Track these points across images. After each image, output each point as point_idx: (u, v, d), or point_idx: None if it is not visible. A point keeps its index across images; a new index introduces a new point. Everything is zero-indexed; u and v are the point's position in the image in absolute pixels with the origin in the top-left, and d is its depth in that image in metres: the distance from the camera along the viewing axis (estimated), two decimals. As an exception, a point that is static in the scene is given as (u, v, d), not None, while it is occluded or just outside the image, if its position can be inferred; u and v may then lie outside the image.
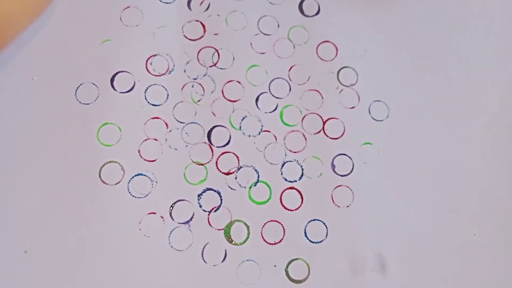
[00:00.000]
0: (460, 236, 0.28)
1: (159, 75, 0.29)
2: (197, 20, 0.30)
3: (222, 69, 0.29)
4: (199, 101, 0.28)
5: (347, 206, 0.28)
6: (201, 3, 0.29)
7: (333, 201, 0.28)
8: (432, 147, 0.29)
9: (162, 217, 0.27)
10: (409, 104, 0.29)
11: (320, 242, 0.27)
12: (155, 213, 0.27)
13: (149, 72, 0.29)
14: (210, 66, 0.29)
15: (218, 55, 0.29)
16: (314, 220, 0.27)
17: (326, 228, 0.27)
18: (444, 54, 0.30)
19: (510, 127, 0.30)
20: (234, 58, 0.29)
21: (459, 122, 0.29)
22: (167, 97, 0.28)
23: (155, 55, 0.29)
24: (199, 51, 0.29)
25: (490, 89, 0.30)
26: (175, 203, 0.27)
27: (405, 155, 0.29)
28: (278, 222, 0.27)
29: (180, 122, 0.28)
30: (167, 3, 0.30)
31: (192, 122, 0.28)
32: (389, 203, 0.28)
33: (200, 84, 0.29)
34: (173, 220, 0.27)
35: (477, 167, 0.29)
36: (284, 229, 0.27)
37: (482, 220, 0.28)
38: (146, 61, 0.29)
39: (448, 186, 0.28)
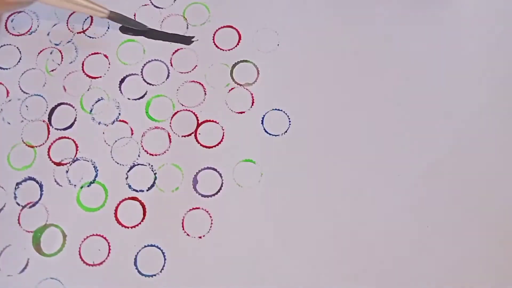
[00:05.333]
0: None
1: (18, 35, 0.24)
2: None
3: (91, 37, 0.24)
4: (52, 71, 0.23)
5: (200, 237, 0.21)
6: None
7: (183, 227, 0.21)
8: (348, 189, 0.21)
9: (-33, 202, 0.21)
10: (323, 120, 0.22)
11: (152, 276, 0.20)
12: (-40, 197, 0.21)
13: (7, 30, 0.24)
14: (78, 32, 0.24)
15: (91, 21, 0.24)
16: (151, 245, 0.21)
17: (164, 259, 0.20)
18: (385, 58, 0.23)
19: (465, 165, 0.21)
20: (108, 28, 0.24)
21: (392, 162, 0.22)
22: (19, 61, 0.23)
23: (20, 12, 0.24)
24: (71, 14, 0.24)
25: (442, 122, 0.22)
26: (-13, 187, 0.22)
27: (300, 184, 0.21)
28: (104, 238, 0.21)
29: (24, 92, 0.23)
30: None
31: (37, 94, 0.23)
32: (258, 242, 0.20)
33: (60, 51, 0.24)
34: (-22, 208, 0.21)
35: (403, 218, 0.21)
36: (109, 249, 0.21)
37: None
38: (7, 18, 0.24)
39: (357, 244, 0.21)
